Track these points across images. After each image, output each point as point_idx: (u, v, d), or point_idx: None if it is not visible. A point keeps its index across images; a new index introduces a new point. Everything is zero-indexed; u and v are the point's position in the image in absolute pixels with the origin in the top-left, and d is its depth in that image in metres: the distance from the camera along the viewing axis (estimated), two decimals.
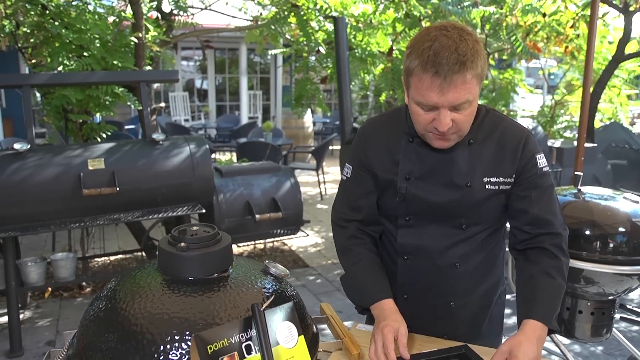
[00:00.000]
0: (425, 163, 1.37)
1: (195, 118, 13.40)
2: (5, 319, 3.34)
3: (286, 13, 4.80)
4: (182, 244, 1.17)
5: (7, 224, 3.03)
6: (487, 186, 1.35)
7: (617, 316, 2.29)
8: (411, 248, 1.43)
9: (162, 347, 1.03)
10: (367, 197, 1.46)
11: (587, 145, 4.86)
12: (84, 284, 4.10)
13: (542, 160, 1.38)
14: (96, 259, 4.55)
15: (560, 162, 4.60)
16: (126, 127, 9.86)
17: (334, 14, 4.69)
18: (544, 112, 7.44)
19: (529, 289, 1.33)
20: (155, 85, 13.33)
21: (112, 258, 4.69)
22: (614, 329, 2.28)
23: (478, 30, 4.75)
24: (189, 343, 1.02)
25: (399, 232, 1.44)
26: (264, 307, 1.06)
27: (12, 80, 3.60)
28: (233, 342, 1.04)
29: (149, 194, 3.35)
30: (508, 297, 1.67)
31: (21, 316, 3.62)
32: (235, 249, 5.02)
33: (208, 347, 1.00)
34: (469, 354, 1.28)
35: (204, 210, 3.51)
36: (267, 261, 1.28)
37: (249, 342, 1.05)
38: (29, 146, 3.15)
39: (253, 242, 4.94)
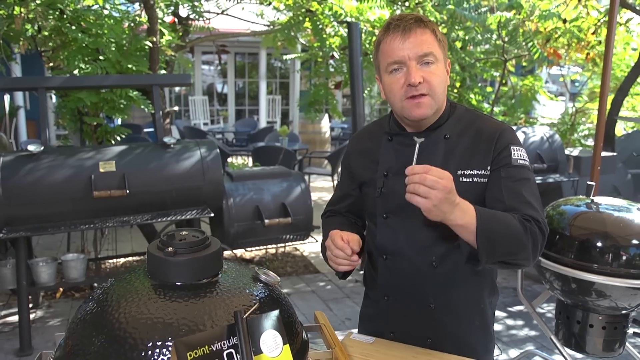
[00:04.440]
0: (402, 159, 1.40)
1: (215, 122, 13.51)
2: (16, 318, 3.39)
3: (301, 18, 4.81)
4: (170, 249, 1.16)
5: (18, 224, 3.07)
6: (460, 179, 1.34)
7: (630, 331, 2.21)
8: (389, 247, 1.45)
9: (143, 353, 1.02)
10: (344, 199, 1.60)
11: (606, 154, 4.74)
12: (95, 284, 4.13)
13: (518, 153, 1.36)
14: (108, 260, 4.59)
15: (577, 171, 4.48)
16: (145, 130, 9.99)
17: (350, 19, 4.68)
18: (564, 120, 7.30)
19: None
20: (177, 89, 13.51)
21: (124, 260, 4.73)
22: (627, 344, 2.21)
23: (494, 36, 4.69)
24: (171, 349, 1.01)
25: (377, 230, 1.47)
26: (247, 315, 1.04)
27: (28, 83, 3.66)
28: (215, 349, 1.02)
29: (158, 197, 3.36)
30: (517, 308, 1.62)
31: (33, 315, 3.67)
32: (246, 254, 5.02)
33: (188, 354, 0.98)
34: None
35: (212, 214, 3.51)
36: (257, 267, 1.27)
37: (232, 350, 1.03)
38: (42, 148, 3.19)
39: (264, 247, 4.92)
